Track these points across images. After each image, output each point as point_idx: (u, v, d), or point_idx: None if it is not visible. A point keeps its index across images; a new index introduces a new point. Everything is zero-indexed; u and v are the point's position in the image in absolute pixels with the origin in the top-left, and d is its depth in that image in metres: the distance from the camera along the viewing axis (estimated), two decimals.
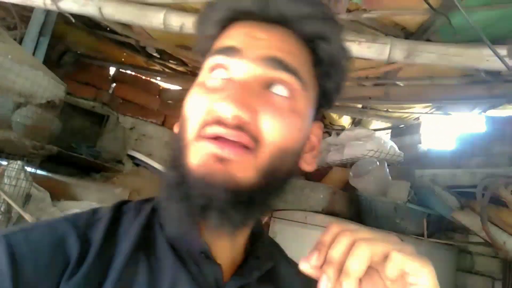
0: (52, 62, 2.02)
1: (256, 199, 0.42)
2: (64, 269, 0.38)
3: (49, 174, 1.38)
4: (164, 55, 2.33)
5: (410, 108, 2.60)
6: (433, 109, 2.63)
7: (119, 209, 0.48)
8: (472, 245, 2.08)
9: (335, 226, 0.39)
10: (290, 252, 1.69)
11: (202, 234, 0.44)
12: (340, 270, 0.36)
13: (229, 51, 0.44)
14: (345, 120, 3.23)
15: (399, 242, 0.38)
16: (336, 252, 0.36)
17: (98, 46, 2.30)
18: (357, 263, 0.35)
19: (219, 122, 0.41)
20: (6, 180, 1.15)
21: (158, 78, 2.62)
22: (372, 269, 0.38)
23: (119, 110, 2.48)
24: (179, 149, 0.43)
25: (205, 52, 0.49)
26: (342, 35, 0.50)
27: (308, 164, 0.50)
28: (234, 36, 0.46)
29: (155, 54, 2.35)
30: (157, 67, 2.52)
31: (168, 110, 2.69)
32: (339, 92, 0.52)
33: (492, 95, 2.00)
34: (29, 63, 1.12)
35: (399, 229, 1.85)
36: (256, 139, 0.41)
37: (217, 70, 0.44)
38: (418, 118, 2.86)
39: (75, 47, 2.23)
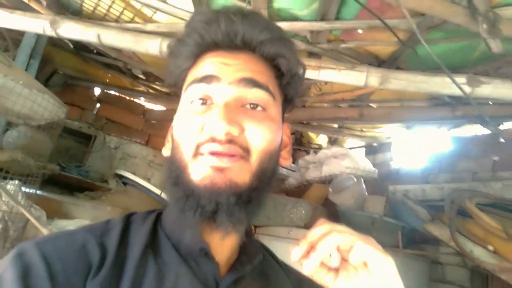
0: (40, 83, 2.06)
1: (253, 198, 0.49)
2: (88, 271, 0.45)
3: (43, 193, 1.41)
4: (150, 76, 2.40)
5: (382, 127, 2.77)
6: (403, 128, 2.82)
7: (128, 219, 0.54)
8: (443, 256, 2.23)
9: (322, 221, 0.49)
10: None
11: (202, 235, 0.51)
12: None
13: (208, 79, 0.51)
14: (322, 139, 3.38)
15: (368, 238, 0.48)
16: (314, 235, 0.46)
17: (83, 68, 2.35)
18: (325, 244, 0.45)
19: (213, 140, 0.48)
20: (4, 199, 1.18)
21: (142, 98, 2.68)
22: (347, 263, 0.48)
23: (103, 130, 2.52)
24: (178, 169, 0.50)
25: (179, 82, 0.58)
26: (296, 52, 0.59)
27: (285, 159, 0.59)
28: (209, 65, 0.53)
29: (140, 76, 2.42)
30: (142, 88, 2.59)
31: (152, 129, 2.75)
32: (298, 96, 0.62)
33: (454, 117, 2.19)
34: (36, 87, 1.17)
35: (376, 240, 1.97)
36: (246, 149, 0.49)
37: (199, 97, 0.51)
38: (389, 138, 3.05)
39: (61, 69, 2.27)
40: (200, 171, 0.48)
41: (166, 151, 0.58)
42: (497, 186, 2.18)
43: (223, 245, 0.53)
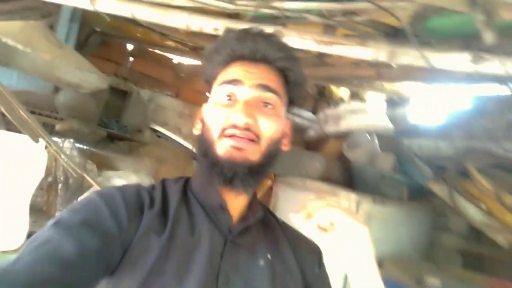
0: (80, 43, 2.25)
1: (261, 170, 0.69)
2: (142, 206, 0.66)
3: (93, 149, 1.68)
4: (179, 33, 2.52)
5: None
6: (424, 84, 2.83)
7: (164, 182, 0.76)
8: (447, 208, 2.40)
9: (317, 197, 0.68)
10: (289, 211, 2.14)
11: (221, 194, 0.70)
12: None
13: (235, 82, 0.70)
14: (344, 92, 3.45)
15: (350, 210, 0.66)
16: (311, 208, 0.65)
17: (117, 24, 2.49)
18: (319, 215, 0.63)
19: (235, 126, 0.67)
20: (63, 156, 1.45)
21: (172, 53, 2.83)
22: (332, 225, 0.65)
23: (137, 83, 2.73)
24: (207, 145, 0.70)
25: (211, 80, 0.77)
26: (301, 67, 0.77)
27: (285, 146, 0.77)
28: (236, 72, 0.71)
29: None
30: (171, 43, 2.71)
31: (181, 82, 2.93)
32: (300, 99, 0.81)
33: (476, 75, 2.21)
34: (85, 67, 1.36)
35: (384, 194, 2.16)
36: (258, 136, 0.68)
37: (226, 94, 0.70)
38: (409, 92, 3.08)
39: (96, 26, 2.43)
40: (223, 148, 0.67)
41: (196, 131, 0.78)
42: (508, 146, 2.25)
43: (235, 203, 0.73)
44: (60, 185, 1.45)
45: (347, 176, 2.42)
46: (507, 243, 1.55)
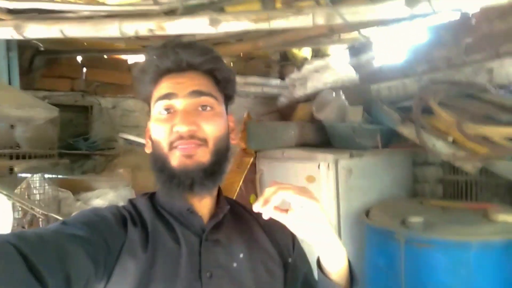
0: (25, 69, 2.18)
1: (216, 169, 0.74)
2: (125, 221, 0.72)
3: (64, 176, 1.68)
4: None
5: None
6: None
7: (131, 202, 0.81)
8: None
9: (273, 182, 0.71)
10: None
11: (187, 200, 0.75)
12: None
13: (168, 95, 0.73)
14: (306, 51, 3.43)
15: (303, 188, 0.69)
16: (267, 193, 0.68)
17: (60, 39, 2.41)
18: (274, 198, 0.66)
19: (180, 137, 0.70)
20: (34, 191, 1.46)
21: (125, 54, 2.76)
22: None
23: (97, 93, 2.68)
24: (160, 160, 0.74)
25: (147, 99, 0.80)
26: (225, 64, 0.81)
27: (233, 139, 0.82)
28: (167, 86, 0.74)
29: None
30: (121, 45, 2.65)
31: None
32: (235, 93, 0.85)
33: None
34: (25, 103, 1.34)
35: (359, 146, 2.22)
36: (204, 139, 0.72)
37: (164, 108, 0.73)
38: (369, 37, 3.07)
39: (40, 46, 2.35)
40: (176, 159, 0.71)
41: (148, 149, 0.81)
42: (468, 70, 2.30)
43: (202, 204, 0.78)
44: (40, 220, 1.47)
45: (322, 135, 2.47)
46: (475, 170, 1.62)
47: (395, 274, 1.64)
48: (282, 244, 0.85)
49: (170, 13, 1.53)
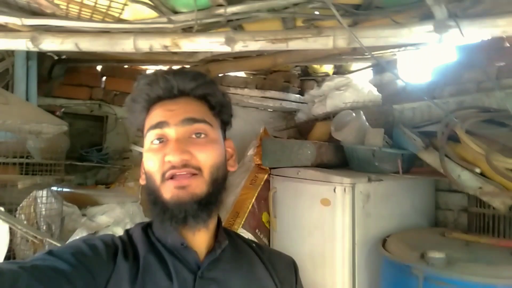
0: (44, 77, 2.20)
1: (212, 200, 0.70)
2: (116, 250, 0.69)
3: (72, 190, 1.66)
4: None
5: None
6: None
7: (128, 232, 0.78)
8: None
9: None
10: (287, 203, 2.12)
11: (181, 234, 0.72)
12: None
13: (160, 124, 0.70)
14: (328, 67, 3.35)
15: None
16: None
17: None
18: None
19: (173, 167, 0.67)
20: (40, 205, 1.43)
21: (143, 65, 2.76)
22: None
23: (114, 103, 2.68)
24: (154, 193, 0.70)
25: (140, 128, 0.78)
26: (219, 88, 0.79)
27: (232, 166, 0.79)
28: (158, 114, 0.71)
29: None
30: (140, 56, 2.65)
31: None
32: (231, 117, 0.82)
33: None
34: (32, 119, 1.33)
35: (379, 170, 2.12)
36: (198, 168, 0.68)
37: (156, 138, 0.70)
38: (394, 55, 2.97)
39: (60, 54, 2.37)
40: (168, 192, 0.68)
41: (142, 181, 0.77)
42: (499, 96, 2.17)
43: (197, 238, 0.74)
44: (34, 244, 1.45)
45: (340, 156, 2.38)
46: (504, 207, 1.50)
47: None
48: (284, 280, 0.81)
49: (187, 29, 1.50)
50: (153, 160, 0.69)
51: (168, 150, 0.67)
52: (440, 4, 1.06)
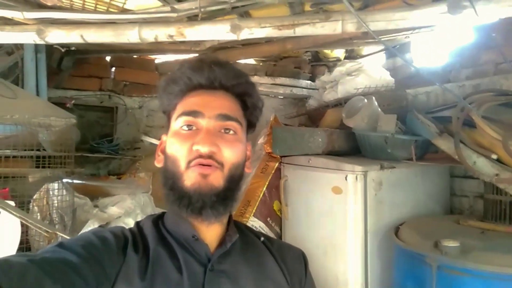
0: (53, 69, 2.21)
1: (228, 195, 0.71)
2: (126, 242, 0.70)
3: (83, 182, 1.68)
4: None
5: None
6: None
7: (139, 224, 0.79)
8: None
9: None
10: (299, 190, 2.12)
11: (193, 226, 0.73)
12: None
13: (195, 113, 0.71)
14: (339, 52, 3.27)
15: None
16: None
17: None
18: None
19: (200, 156, 0.68)
20: (53, 198, 1.45)
21: (153, 54, 2.75)
22: None
23: (124, 93, 2.69)
24: (173, 177, 0.70)
25: (169, 111, 0.78)
26: (257, 91, 0.80)
27: (248, 168, 0.79)
28: (195, 102, 0.72)
29: None
30: (148, 46, 2.63)
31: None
32: (258, 122, 0.84)
33: None
34: (40, 112, 1.34)
35: (392, 157, 2.08)
36: (221, 162, 0.70)
37: (187, 124, 0.71)
38: (408, 37, 2.87)
39: (70, 46, 2.37)
40: (191, 179, 0.68)
41: (158, 164, 0.78)
42: None
43: (210, 231, 0.75)
44: (57, 226, 1.47)
45: (352, 143, 2.34)
46: None
47: None
48: (294, 272, 0.81)
49: (193, 17, 1.47)
50: (180, 146, 0.70)
51: (198, 139, 0.68)
52: None
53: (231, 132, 0.72)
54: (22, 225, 1.24)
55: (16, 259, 0.54)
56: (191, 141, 0.69)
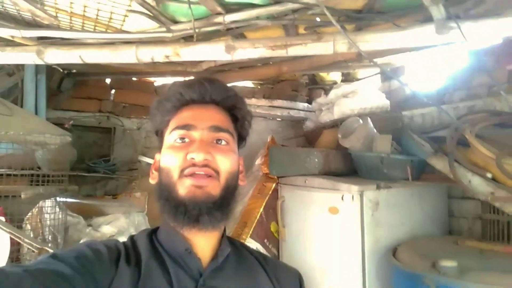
0: (53, 90, 2.25)
1: (224, 204, 0.70)
2: (118, 255, 0.69)
3: (78, 200, 1.67)
4: None
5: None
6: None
7: (133, 238, 0.78)
8: None
9: None
10: (296, 211, 2.08)
11: (186, 238, 0.72)
12: None
13: (188, 126, 0.72)
14: (335, 75, 3.33)
15: None
16: None
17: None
18: None
19: (193, 164, 0.68)
20: (46, 216, 1.44)
21: (151, 76, 2.79)
22: None
23: (123, 115, 2.71)
24: (168, 188, 0.70)
25: (162, 128, 0.79)
26: (246, 104, 0.83)
27: (242, 181, 0.80)
28: (187, 116, 0.74)
29: None
30: (148, 68, 2.68)
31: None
32: (248, 135, 0.85)
33: None
34: (35, 129, 1.35)
35: (388, 177, 2.07)
36: (217, 171, 0.70)
37: (180, 138, 0.72)
38: (402, 62, 2.92)
39: (70, 68, 2.42)
40: (185, 188, 0.68)
41: (153, 181, 0.78)
42: (511, 99, 2.12)
43: (204, 243, 0.74)
44: (50, 245, 1.45)
45: (348, 164, 2.34)
46: None
47: None
48: None
49: (188, 38, 1.51)
50: (174, 156, 0.70)
51: (192, 148, 0.69)
52: (438, 4, 1.04)
53: (224, 142, 0.74)
54: (13, 243, 1.23)
55: (11, 269, 0.54)
56: (185, 151, 0.70)
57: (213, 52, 1.34)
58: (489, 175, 1.58)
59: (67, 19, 1.36)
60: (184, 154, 0.69)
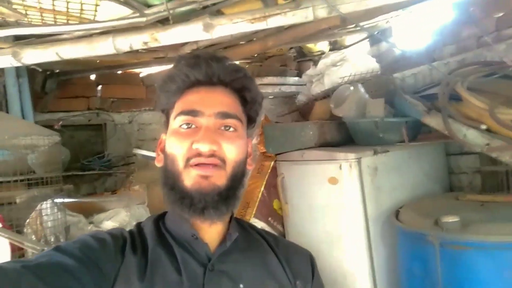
0: (38, 93, 2.21)
1: (231, 194, 0.69)
2: (124, 243, 0.69)
3: (77, 200, 1.67)
4: None
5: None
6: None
7: (139, 225, 0.78)
8: None
9: None
10: (296, 186, 2.09)
11: (194, 225, 0.72)
12: None
13: (194, 112, 0.69)
14: (323, 45, 3.28)
15: None
16: None
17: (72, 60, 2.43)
18: None
19: (199, 154, 0.66)
20: (45, 218, 1.44)
21: (137, 68, 2.75)
22: None
23: (113, 110, 2.68)
24: (173, 177, 0.69)
25: (167, 109, 0.76)
26: (256, 85, 0.79)
27: (250, 165, 0.78)
28: (193, 100, 0.71)
29: None
30: (132, 59, 2.63)
31: (155, 93, 2.84)
32: (258, 117, 0.81)
33: None
34: (20, 132, 1.33)
35: (384, 141, 2.06)
36: (223, 160, 0.68)
37: (186, 123, 0.69)
38: (388, 23, 2.88)
39: (53, 68, 2.38)
40: (191, 179, 0.67)
41: (158, 163, 0.76)
42: (501, 47, 2.09)
43: (211, 231, 0.73)
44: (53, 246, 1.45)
45: (344, 132, 2.33)
46: None
47: (432, 282, 1.48)
48: (298, 273, 0.78)
49: (165, 21, 1.47)
50: (180, 144, 0.68)
51: (198, 137, 0.67)
52: None
53: (231, 129, 0.71)
54: (14, 250, 1.23)
55: (10, 266, 0.53)
56: (191, 139, 0.67)
57: (191, 33, 1.30)
58: (483, 127, 1.56)
59: (38, 16, 1.32)
60: (190, 142, 0.67)
